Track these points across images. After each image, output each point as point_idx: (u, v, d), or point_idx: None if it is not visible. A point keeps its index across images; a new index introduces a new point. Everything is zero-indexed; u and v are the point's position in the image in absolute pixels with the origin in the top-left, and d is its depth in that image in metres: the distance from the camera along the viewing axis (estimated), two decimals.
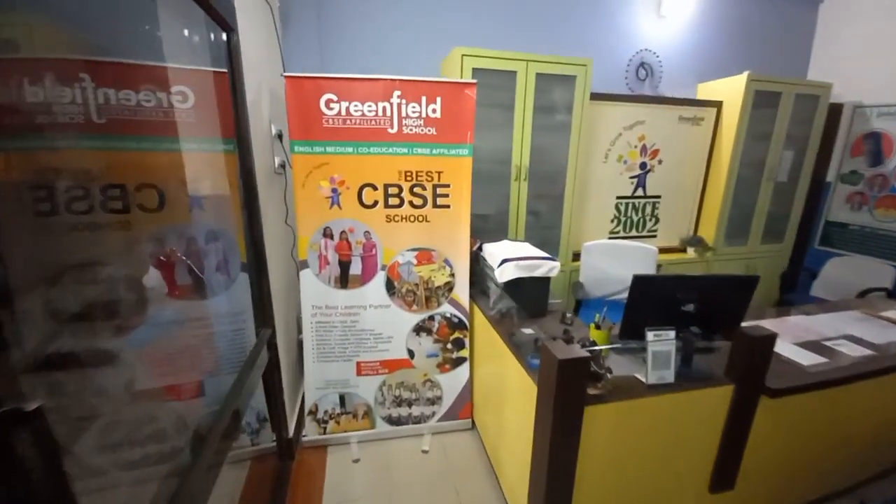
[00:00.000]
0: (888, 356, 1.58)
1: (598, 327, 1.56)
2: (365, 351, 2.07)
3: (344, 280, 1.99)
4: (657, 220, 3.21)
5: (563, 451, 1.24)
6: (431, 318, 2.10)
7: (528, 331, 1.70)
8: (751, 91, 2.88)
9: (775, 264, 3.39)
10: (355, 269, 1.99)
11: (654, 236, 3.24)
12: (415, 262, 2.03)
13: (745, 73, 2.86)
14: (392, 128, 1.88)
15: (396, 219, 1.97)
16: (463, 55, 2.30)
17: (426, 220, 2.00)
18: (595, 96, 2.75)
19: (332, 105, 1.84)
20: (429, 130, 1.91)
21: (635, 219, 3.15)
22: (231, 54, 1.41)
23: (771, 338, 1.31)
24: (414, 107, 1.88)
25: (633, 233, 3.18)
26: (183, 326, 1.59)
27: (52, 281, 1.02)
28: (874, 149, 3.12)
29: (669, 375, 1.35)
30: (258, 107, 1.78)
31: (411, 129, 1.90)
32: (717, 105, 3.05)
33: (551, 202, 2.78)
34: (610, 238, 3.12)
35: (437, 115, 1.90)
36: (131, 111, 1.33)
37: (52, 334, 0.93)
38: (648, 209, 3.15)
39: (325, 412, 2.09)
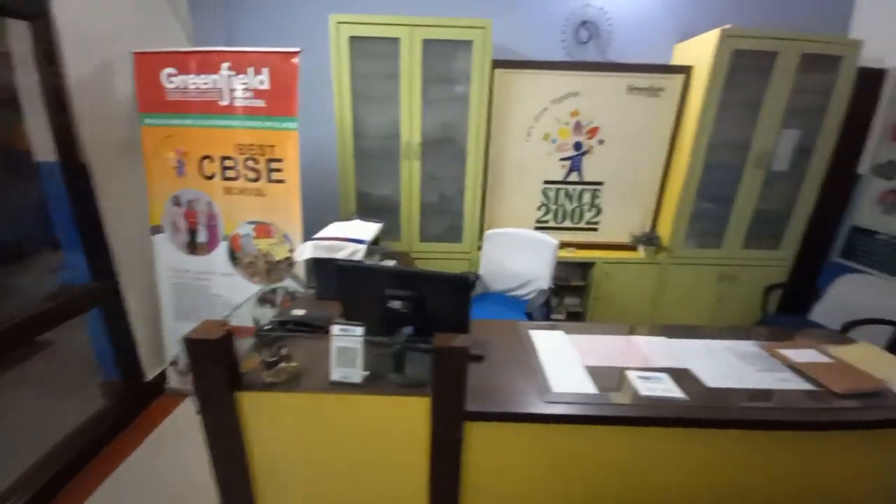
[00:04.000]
0: (693, 406, 1.18)
1: None
2: (217, 314, 2.21)
3: (193, 246, 2.13)
4: (598, 211, 2.74)
5: (219, 437, 1.22)
6: (274, 291, 2.15)
7: (299, 312, 1.65)
8: (726, 51, 2.24)
9: (765, 277, 2.67)
10: (202, 237, 2.12)
11: (595, 229, 2.78)
12: (253, 234, 2.08)
13: (718, 29, 2.22)
14: (223, 100, 1.91)
15: (234, 191, 2.03)
16: (338, 23, 2.20)
17: (262, 194, 2.02)
18: (508, 64, 2.42)
19: (172, 79, 1.93)
20: (258, 103, 1.90)
21: (569, 208, 2.73)
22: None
23: (460, 351, 1.09)
24: (242, 79, 1.88)
25: (568, 224, 2.77)
26: None
27: None
28: None
29: (355, 375, 1.22)
30: (110, 80, 1.95)
31: (241, 102, 1.91)
32: (686, 71, 2.43)
33: (454, 183, 2.56)
34: (537, 228, 2.77)
35: (266, 86, 1.88)
36: None
37: None
38: (586, 197, 2.71)
39: (187, 364, 2.30)
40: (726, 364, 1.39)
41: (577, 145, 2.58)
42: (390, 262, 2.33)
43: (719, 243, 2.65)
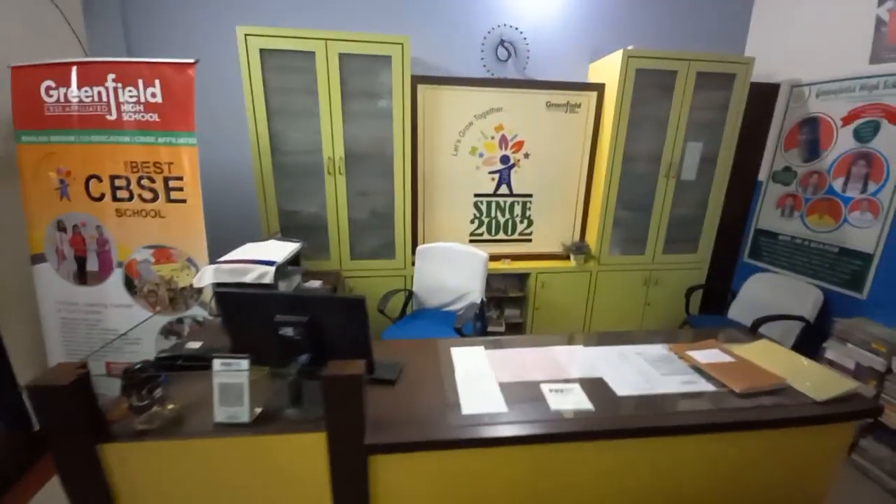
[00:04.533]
0: (601, 418, 1.17)
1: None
2: (113, 352, 1.97)
3: (82, 276, 1.89)
4: (530, 223, 2.79)
5: (82, 499, 1.04)
6: (180, 320, 1.95)
7: (195, 345, 1.49)
8: (630, 69, 2.39)
9: (687, 279, 2.83)
10: (92, 265, 1.89)
11: (529, 240, 2.82)
12: (152, 259, 1.88)
13: (621, 50, 2.37)
14: (111, 114, 1.74)
15: (128, 213, 1.83)
16: (246, 35, 2.10)
17: (160, 216, 1.84)
18: (431, 80, 2.43)
19: (51, 92, 1.73)
20: (151, 116, 1.74)
21: (502, 220, 2.76)
22: None
23: (351, 379, 1.01)
24: (131, 91, 1.72)
25: (502, 236, 2.79)
26: None
27: None
28: (811, 139, 2.47)
29: (242, 413, 1.09)
30: None
31: (131, 116, 1.74)
32: (598, 88, 2.57)
33: (384, 199, 2.49)
34: (472, 241, 2.76)
35: (158, 99, 1.73)
36: None
37: None
38: (518, 209, 2.75)
39: None
40: (636, 370, 1.41)
41: (505, 159, 2.62)
42: (315, 283, 2.21)
43: (642, 249, 2.77)
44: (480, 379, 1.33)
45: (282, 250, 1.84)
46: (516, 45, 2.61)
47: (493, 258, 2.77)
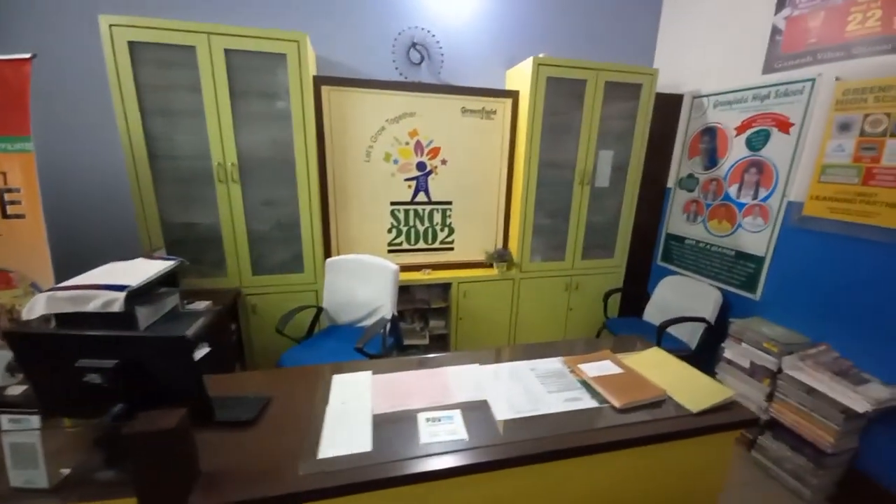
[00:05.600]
0: (471, 450, 1.09)
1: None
2: None
3: None
4: (451, 231, 2.72)
5: None
6: None
7: (16, 390, 1.25)
8: (541, 77, 2.38)
9: (606, 283, 2.88)
10: None
11: (451, 248, 2.75)
12: None
13: (532, 57, 2.36)
14: None
15: None
16: (111, 25, 1.84)
17: None
18: (336, 81, 2.28)
19: None
20: None
21: (421, 228, 2.66)
22: None
23: (165, 434, 0.84)
24: None
25: (422, 245, 2.69)
26: None
27: None
28: (710, 147, 2.60)
29: (40, 478, 0.90)
30: None
31: None
32: (513, 95, 2.55)
33: (290, 209, 2.31)
34: (390, 251, 2.64)
35: None
36: None
37: None
38: (437, 217, 2.67)
39: None
40: (524, 389, 1.35)
41: (421, 165, 2.53)
42: (201, 305, 1.98)
43: (562, 256, 2.79)
44: (354, 413, 1.20)
45: (147, 270, 1.62)
46: (429, 49, 2.53)
47: (414, 268, 2.68)
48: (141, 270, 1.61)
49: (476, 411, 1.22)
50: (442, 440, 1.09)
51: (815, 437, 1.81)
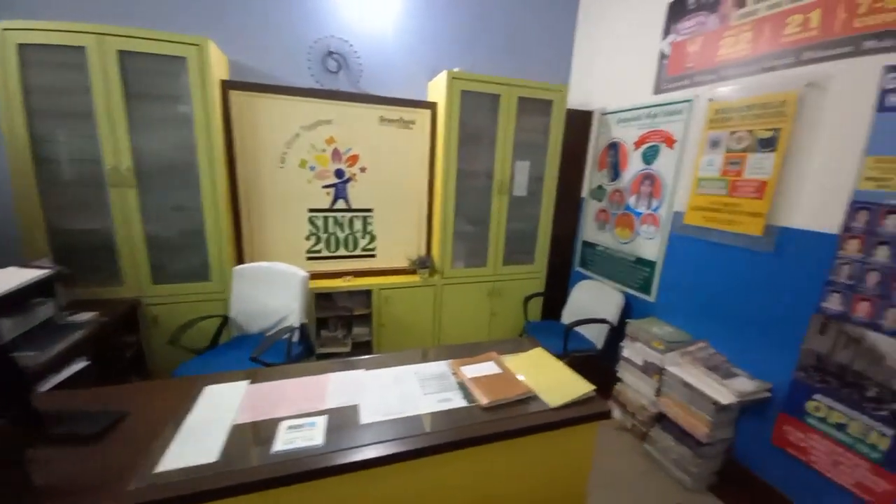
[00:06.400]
0: (324, 454, 1.10)
1: None
2: None
3: None
4: (373, 238, 2.74)
5: None
6: None
7: None
8: (455, 90, 2.48)
9: (527, 288, 3.00)
10: None
11: (373, 255, 2.77)
12: None
13: (446, 71, 2.45)
14: None
15: None
16: (3, 29, 1.74)
17: None
18: (246, 86, 2.26)
19: None
20: None
21: (341, 235, 2.66)
22: None
23: None
24: None
25: (343, 252, 2.69)
26: None
27: None
28: (614, 160, 2.80)
29: None
30: None
31: None
32: (431, 107, 2.63)
33: (193, 215, 2.24)
34: (309, 258, 2.62)
35: None
36: None
37: None
38: (358, 225, 2.68)
39: None
40: (400, 393, 1.37)
41: (339, 172, 2.54)
42: (86, 315, 1.87)
43: (484, 262, 2.88)
44: (212, 423, 1.18)
45: (11, 281, 1.51)
46: (347, 58, 2.56)
47: (336, 275, 2.67)
48: (4, 280, 1.51)
49: (343, 416, 1.24)
50: (296, 447, 1.09)
51: (692, 429, 1.96)
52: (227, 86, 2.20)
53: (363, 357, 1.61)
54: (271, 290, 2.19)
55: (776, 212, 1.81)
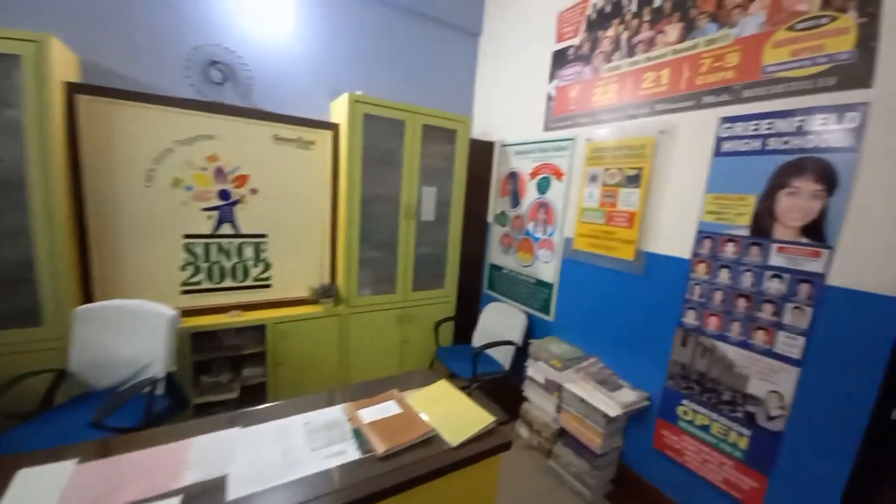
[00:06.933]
0: None
1: None
2: None
3: None
4: (267, 266, 2.48)
5: None
6: None
7: None
8: (357, 113, 2.41)
9: (438, 313, 2.99)
10: None
11: (268, 286, 2.50)
12: None
13: (347, 93, 2.38)
14: None
15: None
16: None
17: None
18: (100, 91, 1.91)
19: None
20: None
21: (228, 264, 2.36)
22: None
23: None
24: None
25: (230, 283, 2.38)
26: None
27: None
28: (514, 189, 2.98)
29: None
30: None
31: None
32: (333, 128, 2.52)
33: (18, 244, 1.78)
34: (185, 292, 2.26)
35: None
36: None
37: None
38: (248, 252, 2.41)
39: None
40: (282, 451, 1.20)
41: (224, 194, 2.26)
42: None
43: (393, 288, 2.79)
44: None
45: None
46: (234, 69, 2.33)
47: (221, 310, 2.34)
48: None
49: (205, 494, 1.02)
50: None
51: (588, 441, 2.08)
52: (72, 89, 1.82)
53: (239, 411, 1.39)
54: (126, 335, 1.81)
55: (644, 239, 2.06)
